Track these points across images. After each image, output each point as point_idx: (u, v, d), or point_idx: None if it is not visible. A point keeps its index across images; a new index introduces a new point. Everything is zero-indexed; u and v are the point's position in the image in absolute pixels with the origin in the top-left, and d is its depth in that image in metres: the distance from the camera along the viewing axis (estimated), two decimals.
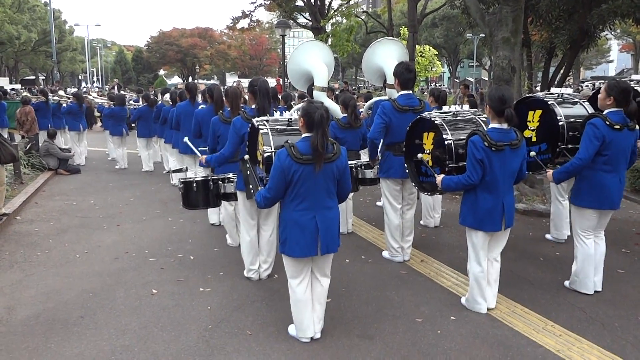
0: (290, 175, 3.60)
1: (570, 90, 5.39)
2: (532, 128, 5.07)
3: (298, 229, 3.69)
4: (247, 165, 4.17)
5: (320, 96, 6.59)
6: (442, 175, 4.33)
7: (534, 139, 5.04)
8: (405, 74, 5.26)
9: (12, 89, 27.59)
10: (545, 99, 5.02)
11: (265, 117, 4.41)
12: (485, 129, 4.20)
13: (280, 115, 4.46)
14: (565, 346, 3.88)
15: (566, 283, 4.91)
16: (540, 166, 4.87)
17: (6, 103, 13.20)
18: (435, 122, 4.54)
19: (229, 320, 4.29)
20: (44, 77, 57.55)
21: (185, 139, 5.97)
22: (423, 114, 4.82)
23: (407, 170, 5.03)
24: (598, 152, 4.41)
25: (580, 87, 31.68)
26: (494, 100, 4.06)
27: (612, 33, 33.27)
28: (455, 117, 4.65)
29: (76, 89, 31.82)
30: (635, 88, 5.16)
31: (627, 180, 7.21)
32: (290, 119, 4.31)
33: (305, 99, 7.79)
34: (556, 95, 5.14)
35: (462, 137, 4.36)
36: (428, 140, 4.68)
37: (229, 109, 5.40)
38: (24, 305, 4.62)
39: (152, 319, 4.34)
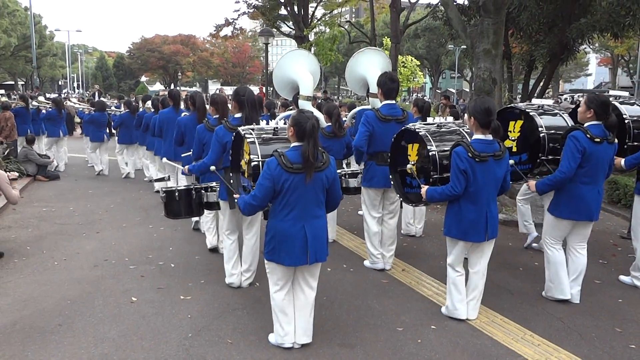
0: (280, 185, 3.60)
1: (550, 102, 5.49)
2: (513, 138, 5.15)
3: (288, 239, 3.69)
4: (229, 174, 4.16)
5: (305, 105, 6.61)
6: (427, 187, 4.36)
7: (514, 149, 5.11)
8: (389, 84, 5.31)
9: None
10: (526, 110, 5.10)
11: (250, 126, 4.41)
12: (469, 140, 4.24)
13: (264, 124, 4.46)
14: (544, 356, 3.93)
15: (543, 293, 4.97)
16: (520, 176, 4.94)
17: None
18: (420, 133, 4.57)
19: (209, 329, 4.27)
20: (23, 82, 56.79)
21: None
22: (407, 125, 4.85)
23: (391, 182, 5.06)
24: (579, 164, 4.48)
25: (559, 100, 32.20)
26: (480, 112, 4.09)
27: (591, 47, 34.00)
28: (439, 128, 4.70)
29: (57, 95, 31.46)
30: (614, 103, 5.28)
31: (604, 192, 7.33)
32: (276, 127, 4.32)
33: (290, 108, 7.82)
34: (537, 106, 5.23)
35: (446, 149, 4.39)
36: (413, 151, 4.71)
37: (214, 116, 5.39)
38: (0, 313, 4.53)
39: (132, 327, 4.29)
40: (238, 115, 4.91)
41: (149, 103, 11.09)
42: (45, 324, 4.34)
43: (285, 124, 4.25)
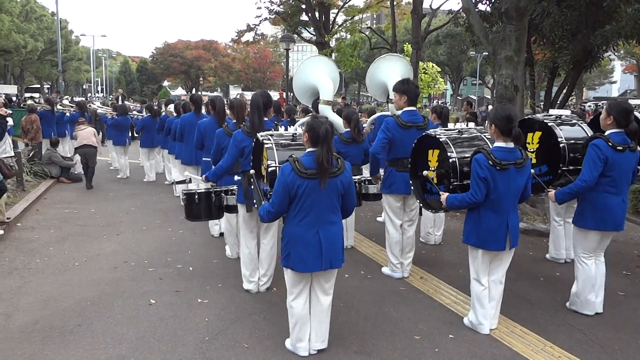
0: (294, 190, 3.59)
1: (568, 112, 5.40)
2: (532, 150, 5.07)
3: (302, 244, 3.67)
4: (252, 180, 4.17)
5: (325, 110, 6.61)
6: (447, 194, 4.31)
7: (534, 161, 5.03)
8: (415, 90, 5.30)
9: (31, 97, 28.12)
10: (544, 121, 5.03)
11: (269, 132, 4.43)
12: (491, 147, 4.19)
13: (283, 130, 4.47)
14: None
15: (567, 304, 4.88)
16: (541, 187, 4.86)
17: (12, 110, 13.24)
18: (440, 139, 4.53)
19: (226, 333, 4.27)
20: (49, 86, 57.88)
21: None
22: (428, 131, 4.82)
23: (412, 187, 5.02)
24: (602, 173, 4.40)
25: (582, 107, 31.76)
26: (501, 119, 4.03)
27: (616, 54, 33.49)
28: (460, 134, 4.65)
29: (82, 99, 32.01)
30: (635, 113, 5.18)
31: (628, 202, 7.18)
32: (295, 133, 4.32)
33: (310, 113, 7.83)
34: (555, 116, 5.15)
35: (467, 155, 4.33)
36: (433, 157, 4.67)
37: (233, 121, 5.42)
38: (21, 312, 4.61)
39: (149, 329, 4.32)
40: None
41: (171, 107, 11.22)
42: (64, 323, 4.39)
43: None
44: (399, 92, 5.33)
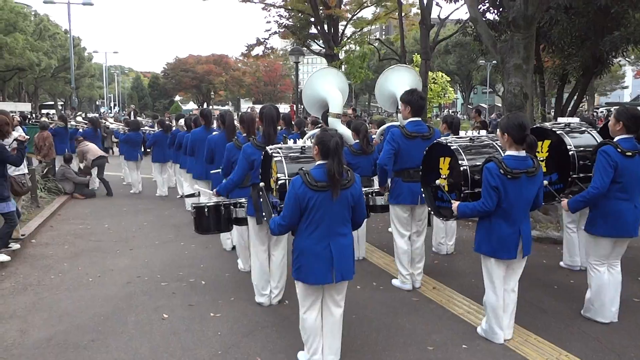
0: (305, 203, 3.60)
1: (577, 120, 5.38)
2: (542, 159, 5.05)
3: (313, 257, 3.67)
4: (261, 192, 4.19)
5: (334, 123, 6.63)
6: (458, 202, 4.31)
7: (544, 170, 5.01)
8: (420, 102, 5.30)
9: (47, 114, 28.82)
10: (553, 129, 5.02)
11: (278, 145, 4.46)
12: (502, 155, 4.18)
13: (293, 142, 4.49)
14: None
15: (581, 311, 4.83)
16: (553, 196, 4.84)
17: (26, 128, 13.46)
18: (452, 147, 4.53)
19: (238, 346, 4.28)
20: (63, 103, 58.67)
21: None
22: (440, 139, 4.82)
23: (423, 196, 5.02)
24: (612, 179, 4.38)
25: (594, 113, 31.53)
26: (514, 128, 4.02)
27: (626, 59, 33.27)
28: (472, 142, 4.65)
29: (96, 115, 32.41)
30: None
31: None
32: (304, 146, 4.35)
33: (319, 125, 7.87)
34: (563, 124, 5.14)
35: (478, 163, 4.32)
36: (444, 165, 4.66)
37: (243, 135, 5.46)
38: (36, 328, 4.65)
39: (163, 343, 4.34)
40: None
41: (181, 122, 11.32)
42: (79, 339, 4.43)
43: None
44: (404, 102, 5.36)
